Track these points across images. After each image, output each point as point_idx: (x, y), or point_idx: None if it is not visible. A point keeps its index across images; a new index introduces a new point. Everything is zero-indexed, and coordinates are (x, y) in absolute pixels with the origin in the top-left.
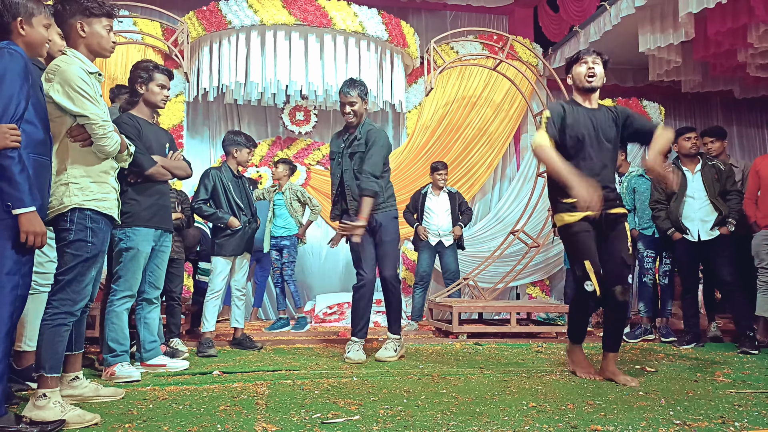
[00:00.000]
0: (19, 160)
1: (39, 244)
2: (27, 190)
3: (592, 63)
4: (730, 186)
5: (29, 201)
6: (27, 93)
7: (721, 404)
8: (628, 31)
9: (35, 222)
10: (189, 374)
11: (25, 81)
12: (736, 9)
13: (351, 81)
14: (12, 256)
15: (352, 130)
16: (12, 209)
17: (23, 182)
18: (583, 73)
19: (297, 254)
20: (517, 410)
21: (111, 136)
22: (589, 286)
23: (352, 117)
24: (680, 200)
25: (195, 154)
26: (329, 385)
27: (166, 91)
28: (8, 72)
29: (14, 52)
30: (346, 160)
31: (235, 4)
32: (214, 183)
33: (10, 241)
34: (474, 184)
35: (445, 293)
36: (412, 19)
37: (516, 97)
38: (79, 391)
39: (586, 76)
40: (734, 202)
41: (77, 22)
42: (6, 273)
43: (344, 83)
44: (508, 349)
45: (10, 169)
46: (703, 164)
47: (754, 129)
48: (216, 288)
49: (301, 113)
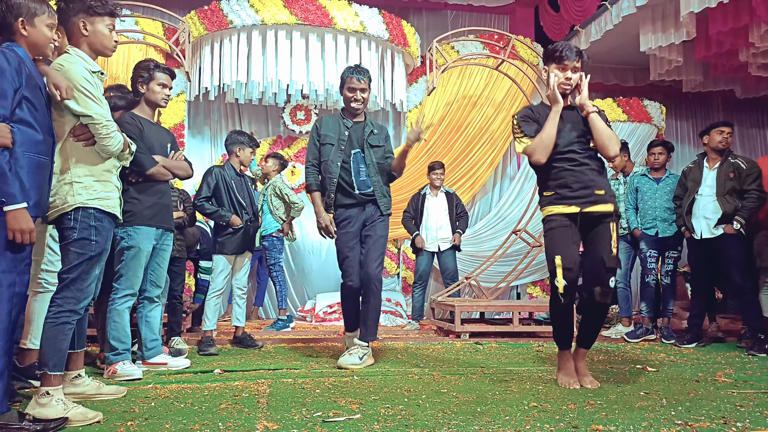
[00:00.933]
0: (8, 159)
1: (27, 242)
2: (17, 188)
3: (572, 71)
4: (749, 184)
5: (19, 198)
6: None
7: (723, 405)
8: (629, 31)
9: (21, 219)
10: (190, 373)
11: (13, 82)
12: (737, 9)
13: (359, 67)
14: (8, 253)
15: (357, 119)
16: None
17: (12, 180)
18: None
19: (281, 253)
20: (518, 410)
21: (114, 135)
22: (557, 282)
23: (361, 104)
24: (691, 197)
25: (196, 152)
26: (330, 384)
27: (168, 90)
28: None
29: (8, 52)
30: (368, 152)
31: (236, 3)
32: (217, 181)
33: (5, 239)
34: (475, 183)
35: (446, 293)
36: (413, 19)
37: (517, 96)
38: (82, 389)
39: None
40: (749, 201)
41: (80, 21)
42: (2, 271)
43: (353, 69)
44: (509, 349)
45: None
46: (723, 161)
47: (755, 129)
48: (218, 287)
49: (302, 112)
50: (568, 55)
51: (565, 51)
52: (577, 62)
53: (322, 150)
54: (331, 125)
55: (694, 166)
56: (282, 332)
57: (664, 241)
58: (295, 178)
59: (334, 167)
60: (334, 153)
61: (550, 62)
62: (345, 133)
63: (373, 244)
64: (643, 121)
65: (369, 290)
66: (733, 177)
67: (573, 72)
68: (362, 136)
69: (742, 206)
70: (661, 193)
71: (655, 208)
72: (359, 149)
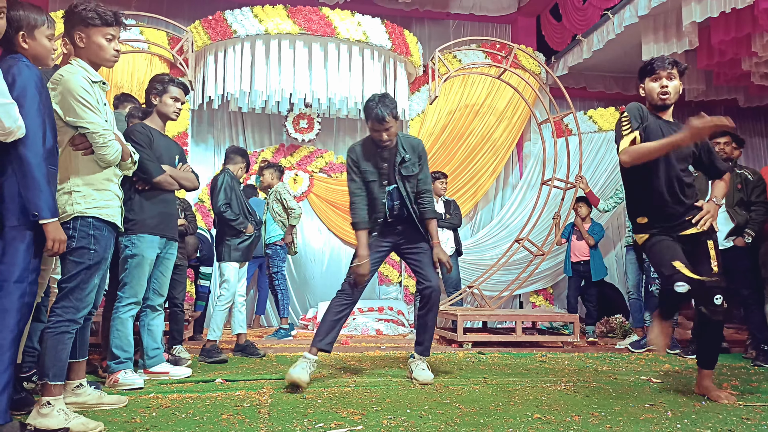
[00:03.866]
0: (46, 172)
1: (61, 251)
2: (52, 200)
3: (667, 79)
4: (756, 197)
5: (55, 211)
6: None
7: (729, 417)
8: (631, 40)
9: (59, 230)
10: (192, 382)
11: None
12: (739, 18)
13: (382, 101)
14: (22, 264)
15: (390, 148)
16: (39, 219)
17: (49, 193)
18: (656, 90)
19: (283, 261)
20: (522, 421)
21: (111, 144)
22: (680, 287)
23: (389, 142)
24: None
25: (200, 161)
26: (332, 395)
27: (179, 104)
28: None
29: (31, 65)
30: (401, 185)
31: (240, 13)
32: (232, 188)
33: (20, 250)
34: (477, 191)
35: (449, 301)
36: (416, 28)
37: (519, 105)
38: (83, 398)
39: (659, 94)
40: (757, 214)
41: (76, 33)
42: (15, 281)
43: (375, 106)
44: (512, 359)
45: (40, 181)
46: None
47: (758, 138)
48: (228, 297)
49: (305, 121)
50: (659, 65)
51: (656, 62)
52: (672, 69)
53: (368, 187)
54: (368, 160)
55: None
56: (284, 341)
57: None
58: (297, 186)
59: (379, 205)
60: (378, 190)
61: (644, 77)
62: (384, 165)
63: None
64: None
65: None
66: (741, 188)
67: (669, 79)
68: (394, 166)
69: (751, 219)
70: None
71: None
72: (394, 184)
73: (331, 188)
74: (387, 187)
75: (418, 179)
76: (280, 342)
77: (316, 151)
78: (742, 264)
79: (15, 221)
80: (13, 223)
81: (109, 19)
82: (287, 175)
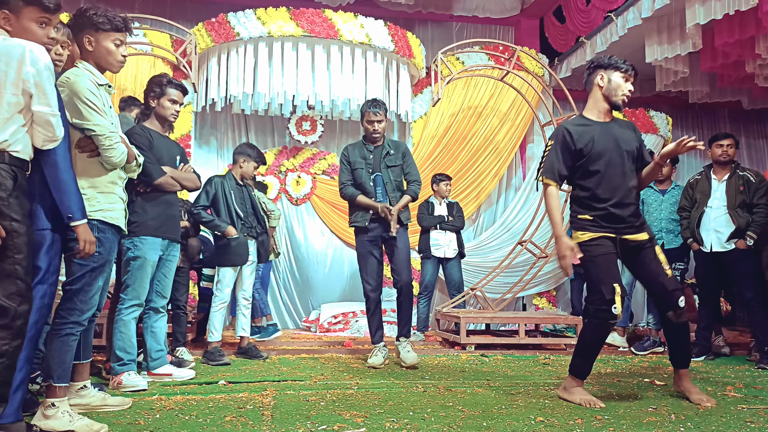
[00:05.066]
0: (74, 174)
1: (92, 252)
2: (82, 202)
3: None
4: (758, 199)
5: (85, 212)
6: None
7: (732, 420)
8: (634, 42)
9: (89, 231)
10: (195, 384)
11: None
12: (743, 20)
13: (376, 101)
14: (44, 265)
15: (376, 144)
16: (72, 221)
17: (79, 195)
18: (624, 90)
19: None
20: (525, 425)
21: (117, 147)
22: (615, 309)
23: (380, 133)
24: (700, 209)
25: (203, 163)
26: (335, 397)
27: (178, 106)
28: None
29: None
30: (385, 173)
31: (243, 15)
32: (216, 191)
33: (43, 252)
34: (480, 193)
35: (452, 304)
36: (419, 30)
37: (522, 107)
38: (87, 400)
39: (624, 95)
40: (759, 216)
41: (85, 36)
42: (37, 282)
43: (371, 103)
44: (515, 361)
45: (69, 183)
46: (731, 173)
47: (762, 140)
48: (223, 298)
49: (308, 123)
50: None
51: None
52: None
53: (355, 174)
54: (357, 153)
55: (701, 178)
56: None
57: (669, 252)
58: (299, 188)
59: (367, 187)
60: (365, 176)
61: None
62: (370, 156)
63: (401, 257)
64: (650, 131)
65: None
66: (743, 190)
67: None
68: (380, 158)
69: (753, 221)
70: (667, 204)
71: (660, 220)
72: (379, 172)
73: (333, 190)
74: (372, 175)
75: (405, 173)
76: (282, 345)
77: (318, 153)
78: (745, 267)
79: (41, 225)
80: (39, 227)
81: (119, 24)
82: (290, 177)
